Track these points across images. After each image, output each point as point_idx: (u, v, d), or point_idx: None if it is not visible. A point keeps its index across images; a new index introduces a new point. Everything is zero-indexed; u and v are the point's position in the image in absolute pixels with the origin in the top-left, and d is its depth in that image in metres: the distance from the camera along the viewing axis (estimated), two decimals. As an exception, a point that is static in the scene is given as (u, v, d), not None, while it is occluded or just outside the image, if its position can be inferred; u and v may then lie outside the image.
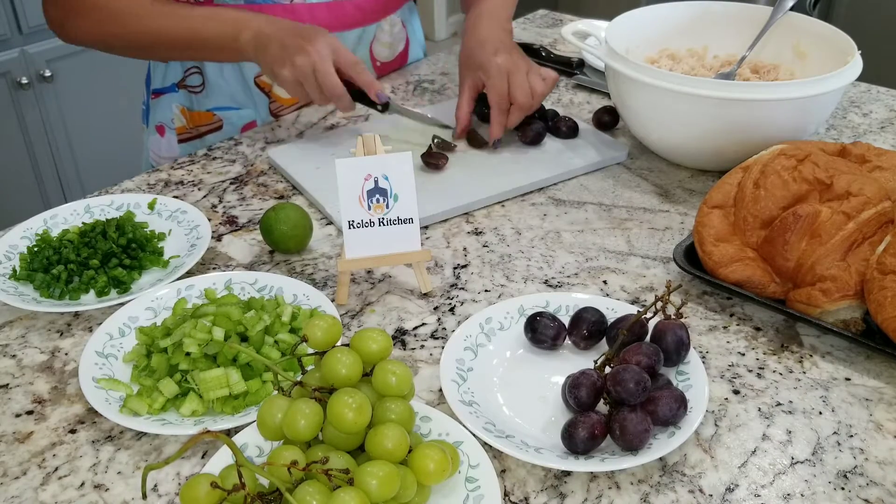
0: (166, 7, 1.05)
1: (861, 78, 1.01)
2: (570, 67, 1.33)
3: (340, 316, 0.80)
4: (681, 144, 1.02)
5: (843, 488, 0.62)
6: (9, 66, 2.08)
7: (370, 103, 1.06)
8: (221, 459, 0.61)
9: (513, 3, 1.17)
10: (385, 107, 1.06)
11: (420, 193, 0.82)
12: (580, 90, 1.30)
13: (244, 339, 0.71)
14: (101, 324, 0.77)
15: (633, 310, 0.76)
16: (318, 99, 1.01)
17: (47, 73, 2.13)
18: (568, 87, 1.32)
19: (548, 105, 1.21)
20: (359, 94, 1.05)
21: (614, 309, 0.76)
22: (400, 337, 0.78)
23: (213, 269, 0.88)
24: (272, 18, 1.02)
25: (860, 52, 0.99)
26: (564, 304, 0.78)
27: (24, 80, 2.09)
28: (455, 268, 0.88)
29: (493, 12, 1.12)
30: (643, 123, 1.03)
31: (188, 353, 0.69)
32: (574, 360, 0.74)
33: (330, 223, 0.96)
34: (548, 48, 1.38)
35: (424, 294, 0.84)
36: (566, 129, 1.11)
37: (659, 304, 0.71)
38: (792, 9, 1.11)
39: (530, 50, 1.38)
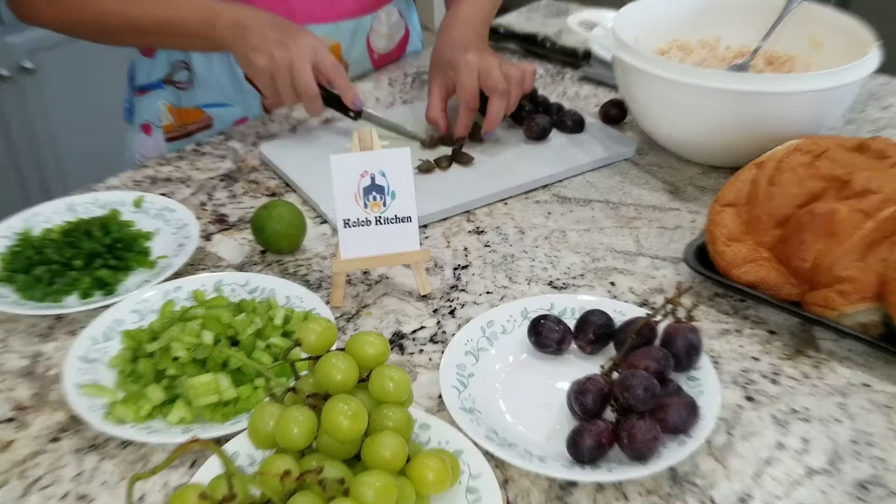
0: None
1: (880, 70, 1.01)
2: (576, 59, 1.33)
3: (335, 319, 0.80)
4: (692, 139, 1.02)
5: (861, 499, 0.61)
6: (-12, 58, 2.07)
7: (341, 109, 1.05)
8: (211, 469, 0.60)
9: (491, 8, 1.17)
10: (358, 115, 1.05)
11: (419, 191, 0.82)
12: (586, 83, 1.30)
13: (234, 343, 0.71)
14: (85, 327, 0.76)
15: (642, 312, 0.75)
16: (288, 96, 1.01)
17: (29, 65, 2.12)
18: (574, 79, 1.31)
19: (553, 98, 1.22)
20: (329, 99, 1.04)
21: (622, 311, 0.76)
22: (398, 341, 0.78)
23: (202, 269, 0.88)
24: (251, 9, 1.02)
25: (879, 42, 0.99)
26: (570, 307, 0.77)
27: (5, 73, 2.08)
28: (455, 268, 0.88)
29: (469, 17, 1.12)
30: (652, 117, 1.03)
31: (176, 358, 0.69)
32: (580, 366, 0.74)
33: (324, 222, 0.96)
34: (552, 38, 1.38)
35: (423, 296, 0.83)
36: (572, 124, 1.10)
37: (669, 307, 0.71)
38: (808, -3, 1.12)
39: (534, 41, 1.38)
